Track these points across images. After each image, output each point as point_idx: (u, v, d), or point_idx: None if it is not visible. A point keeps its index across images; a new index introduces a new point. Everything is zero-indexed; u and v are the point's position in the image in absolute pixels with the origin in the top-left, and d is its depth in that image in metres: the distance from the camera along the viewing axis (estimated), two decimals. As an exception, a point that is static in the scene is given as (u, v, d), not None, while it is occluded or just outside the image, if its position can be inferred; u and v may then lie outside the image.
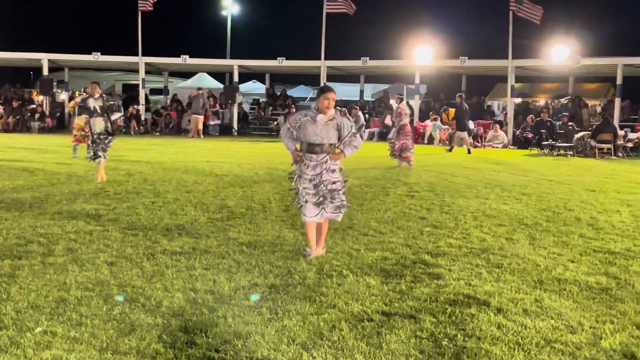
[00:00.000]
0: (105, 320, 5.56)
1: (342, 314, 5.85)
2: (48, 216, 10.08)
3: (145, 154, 21.82)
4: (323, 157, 7.77)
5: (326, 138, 7.73)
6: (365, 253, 8.12)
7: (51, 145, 24.47)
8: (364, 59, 35.37)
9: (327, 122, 7.70)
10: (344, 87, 45.92)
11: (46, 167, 16.83)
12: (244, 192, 13.11)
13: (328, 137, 7.74)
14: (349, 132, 7.82)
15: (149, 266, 7.29)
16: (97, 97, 14.36)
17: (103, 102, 14.33)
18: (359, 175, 16.27)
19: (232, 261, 7.58)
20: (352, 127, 7.88)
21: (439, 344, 5.17)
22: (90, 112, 14.33)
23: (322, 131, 7.70)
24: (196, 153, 22.88)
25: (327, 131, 7.72)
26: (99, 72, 47.44)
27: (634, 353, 5.09)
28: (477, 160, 18.45)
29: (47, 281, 6.65)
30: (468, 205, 11.89)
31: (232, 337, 5.23)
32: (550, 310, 6.06)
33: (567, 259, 8.04)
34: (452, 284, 6.82)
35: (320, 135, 7.70)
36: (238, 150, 25.40)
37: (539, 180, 16.30)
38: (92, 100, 14.33)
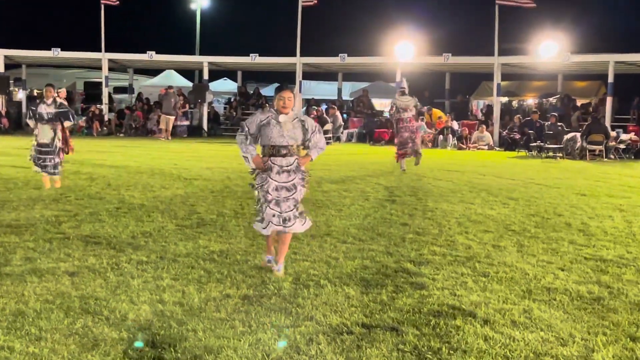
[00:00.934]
0: (67, 334, 5.52)
1: (319, 326, 5.85)
2: (4, 223, 10.00)
3: (108, 156, 21.70)
4: (293, 160, 7.51)
5: (293, 139, 7.48)
6: (344, 262, 8.12)
7: (7, 148, 24.26)
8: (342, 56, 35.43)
9: (292, 122, 7.46)
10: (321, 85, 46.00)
11: (2, 171, 16.69)
12: (214, 197, 13.08)
13: (295, 139, 7.50)
14: (313, 132, 7.61)
15: (113, 277, 7.24)
16: (50, 102, 13.89)
17: (56, 107, 13.90)
18: (336, 179, 16.29)
19: (203, 271, 7.55)
20: (316, 127, 7.72)
21: (422, 358, 5.18)
22: (40, 118, 13.80)
23: (289, 132, 7.44)
24: (163, 156, 22.80)
25: (295, 132, 7.48)
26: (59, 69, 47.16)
27: (627, 366, 5.13)
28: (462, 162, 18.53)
29: (4, 293, 6.59)
30: (452, 211, 11.94)
31: (203, 352, 5.21)
32: (540, 321, 6.09)
33: (557, 267, 8.08)
34: (436, 294, 6.84)
35: (287, 136, 7.43)
36: (208, 152, 25.34)
37: (527, 183, 16.40)
38: (44, 106, 13.84)
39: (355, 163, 21.69)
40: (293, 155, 7.52)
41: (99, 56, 36.67)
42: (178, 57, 39.76)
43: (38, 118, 13.81)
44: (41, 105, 13.94)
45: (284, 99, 7.38)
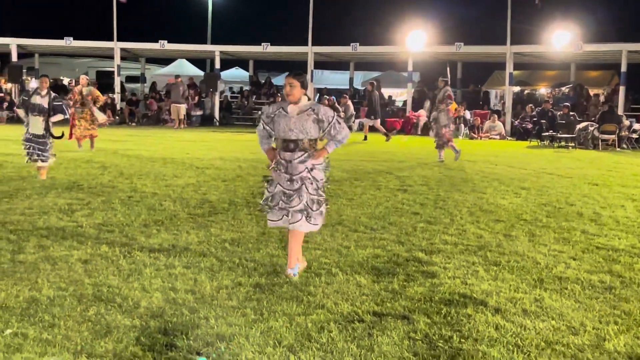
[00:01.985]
0: (80, 321, 5.55)
1: (331, 314, 5.86)
2: (18, 211, 10.04)
3: (121, 145, 21.74)
4: (301, 155, 6.99)
5: (302, 133, 6.93)
6: (355, 250, 8.13)
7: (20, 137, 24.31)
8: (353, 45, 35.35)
9: (301, 114, 6.93)
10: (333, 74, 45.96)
11: (15, 159, 16.74)
12: (226, 186, 13.10)
13: (305, 132, 6.93)
14: (329, 124, 6.99)
15: (125, 264, 7.28)
16: (44, 93, 13.64)
17: (49, 100, 13.64)
18: (347, 168, 16.29)
19: (214, 259, 7.58)
20: (334, 116, 7.05)
21: (433, 346, 5.19)
22: (31, 108, 13.51)
23: (297, 124, 6.92)
24: (175, 145, 22.83)
25: (303, 124, 6.92)
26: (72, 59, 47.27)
27: (639, 355, 5.12)
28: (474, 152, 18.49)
29: (18, 280, 6.63)
30: (464, 200, 11.92)
31: (215, 339, 5.23)
32: (551, 310, 6.09)
33: (568, 256, 8.07)
34: (447, 283, 6.84)
35: (295, 129, 6.93)
36: (220, 141, 25.37)
37: (539, 173, 16.35)
38: (38, 97, 13.57)
39: (367, 152, 21.67)
40: (304, 150, 6.99)
41: (111, 45, 36.69)
42: (190, 46, 39.76)
43: (30, 109, 13.54)
44: (35, 96, 13.64)
45: (286, 84, 7.02)
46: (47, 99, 13.57)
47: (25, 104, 13.69)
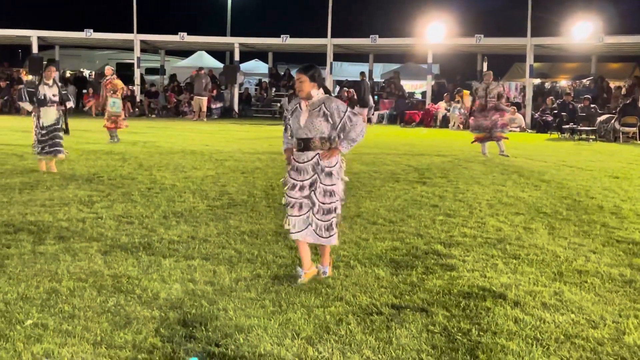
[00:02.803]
0: (99, 312, 5.58)
1: (349, 306, 5.87)
2: (38, 203, 10.10)
3: (140, 137, 21.82)
4: (313, 156, 6.54)
5: (313, 131, 6.46)
6: (374, 243, 8.12)
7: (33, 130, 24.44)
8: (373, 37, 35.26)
9: (312, 110, 6.49)
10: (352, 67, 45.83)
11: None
12: (245, 178, 13.12)
13: (316, 130, 6.46)
14: (341, 119, 6.46)
15: (145, 256, 7.31)
16: (51, 83, 13.42)
17: (59, 89, 13.51)
18: (366, 160, 16.28)
19: (233, 251, 7.60)
20: (346, 110, 6.52)
21: (452, 339, 5.18)
22: (42, 100, 13.23)
23: (308, 122, 6.48)
24: (194, 137, 22.88)
25: (313, 121, 6.45)
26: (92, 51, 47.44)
27: (659, 349, 5.10)
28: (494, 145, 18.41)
29: (38, 271, 6.68)
30: (483, 193, 11.89)
31: (234, 330, 5.24)
32: (571, 303, 6.06)
33: (588, 249, 8.03)
34: (466, 276, 6.83)
35: (306, 127, 6.49)
36: (239, 133, 25.41)
37: (559, 166, 16.27)
38: (45, 87, 13.29)
39: (386, 144, 21.64)
40: (315, 149, 6.52)
41: (131, 37, 36.78)
42: (209, 39, 39.81)
43: (41, 101, 13.24)
44: (43, 86, 13.32)
45: (296, 80, 6.68)
46: (55, 88, 13.44)
47: (33, 96, 13.34)
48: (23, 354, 4.74)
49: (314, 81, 6.52)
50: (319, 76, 6.59)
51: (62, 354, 4.75)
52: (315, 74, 6.55)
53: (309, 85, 6.50)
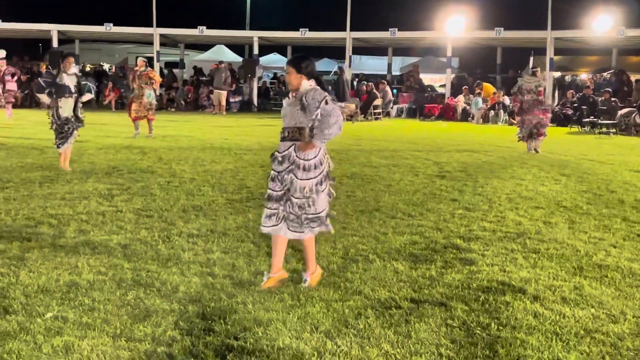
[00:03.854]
0: (119, 305, 5.61)
1: (368, 300, 5.87)
2: (59, 196, 10.16)
3: (160, 131, 21.84)
4: (289, 146, 6.25)
5: (292, 122, 6.25)
6: (393, 237, 8.11)
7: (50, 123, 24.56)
8: (392, 30, 35.14)
9: (295, 101, 6.28)
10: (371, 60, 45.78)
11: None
12: (264, 171, 13.10)
13: (295, 121, 6.23)
14: (316, 108, 6.11)
15: (164, 249, 7.34)
16: (70, 73, 12.97)
17: (78, 80, 13.10)
18: (385, 154, 16.25)
19: (252, 244, 7.61)
20: (321, 102, 6.12)
21: (471, 333, 5.17)
22: (62, 91, 12.78)
23: (289, 113, 6.28)
24: (213, 130, 22.93)
25: (293, 112, 6.24)
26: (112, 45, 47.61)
27: (680, 344, 5.06)
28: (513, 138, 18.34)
29: (58, 264, 6.72)
30: (503, 187, 11.85)
31: (252, 324, 5.26)
32: (591, 298, 6.04)
33: (609, 243, 7.99)
34: (485, 270, 6.81)
35: (287, 118, 6.32)
36: (258, 126, 25.42)
37: (579, 159, 16.19)
38: (64, 77, 12.84)
39: (405, 138, 21.60)
40: (293, 139, 6.23)
41: (151, 31, 36.85)
42: (228, 32, 39.80)
43: (60, 91, 12.80)
44: (62, 77, 12.84)
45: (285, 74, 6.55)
46: (74, 78, 13.03)
47: (52, 87, 12.91)
48: (43, 347, 4.77)
49: (300, 73, 6.25)
50: (306, 67, 6.28)
51: (82, 347, 4.78)
52: (302, 65, 6.28)
53: (295, 77, 6.28)
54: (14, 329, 5.07)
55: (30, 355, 4.65)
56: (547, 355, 4.82)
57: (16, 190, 10.56)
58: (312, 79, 6.28)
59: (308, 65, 6.31)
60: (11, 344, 4.81)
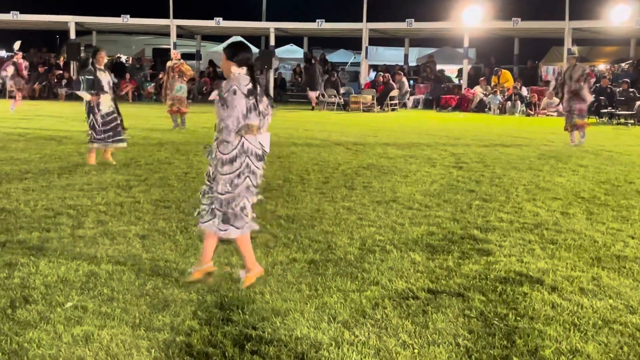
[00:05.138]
0: (138, 295, 5.64)
1: (385, 291, 5.87)
2: (77, 187, 10.21)
3: (177, 122, 21.94)
4: (215, 139, 6.05)
5: (218, 115, 5.94)
6: (410, 228, 8.11)
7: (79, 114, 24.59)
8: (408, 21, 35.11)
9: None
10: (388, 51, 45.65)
11: (74, 135, 17.03)
12: (280, 162, 13.15)
13: (218, 114, 5.93)
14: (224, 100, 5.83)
15: (182, 240, 7.37)
16: (104, 68, 12.65)
17: (110, 75, 12.75)
18: (402, 145, 16.24)
19: (270, 235, 7.63)
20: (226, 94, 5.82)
21: (489, 324, 5.17)
22: (102, 88, 12.41)
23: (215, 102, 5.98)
24: (230, 121, 22.92)
25: (217, 102, 5.94)
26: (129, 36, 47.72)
27: (699, 335, 5.05)
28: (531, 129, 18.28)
29: (77, 255, 6.76)
30: (520, 178, 11.82)
31: (270, 314, 5.27)
32: (609, 289, 6.02)
33: (627, 234, 7.96)
34: (502, 261, 6.80)
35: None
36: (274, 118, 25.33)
37: (597, 150, 16.12)
38: (102, 74, 12.46)
39: (422, 129, 21.57)
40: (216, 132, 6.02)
41: (167, 23, 36.97)
42: (245, 24, 39.87)
43: (100, 88, 12.39)
44: (99, 73, 12.42)
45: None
46: (108, 74, 12.65)
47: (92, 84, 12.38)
48: (63, 336, 4.81)
49: (230, 59, 5.93)
50: (237, 54, 5.93)
51: (101, 336, 4.81)
52: (233, 51, 5.96)
53: (226, 64, 5.98)
54: (34, 319, 5.11)
55: (51, 344, 4.69)
56: (565, 345, 4.82)
57: (35, 181, 10.63)
58: (243, 67, 5.94)
59: (240, 52, 5.98)
60: (32, 333, 4.85)
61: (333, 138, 17.76)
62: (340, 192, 10.19)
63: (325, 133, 19.02)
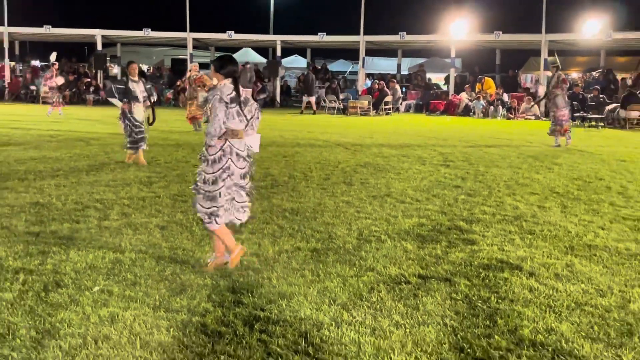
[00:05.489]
0: (158, 280, 5.65)
1: (380, 276, 5.87)
2: (103, 183, 10.21)
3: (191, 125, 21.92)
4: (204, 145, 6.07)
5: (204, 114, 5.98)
6: (402, 219, 8.11)
7: (105, 117, 24.68)
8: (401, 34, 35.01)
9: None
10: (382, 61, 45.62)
11: (101, 137, 17.03)
12: (286, 161, 13.14)
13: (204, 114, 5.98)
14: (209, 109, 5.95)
15: (198, 230, 7.36)
16: (137, 79, 12.36)
17: (144, 85, 12.48)
18: (395, 145, 16.22)
19: (276, 226, 7.63)
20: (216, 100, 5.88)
21: (473, 306, 5.17)
22: (135, 98, 12.23)
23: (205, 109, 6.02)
24: (241, 124, 22.91)
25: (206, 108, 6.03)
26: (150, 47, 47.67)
27: (662, 316, 5.04)
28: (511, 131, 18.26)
29: (104, 244, 6.76)
30: (501, 175, 11.80)
31: (277, 297, 5.28)
32: (581, 274, 6.02)
33: (597, 226, 7.96)
34: (485, 249, 6.80)
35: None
36: (281, 121, 25.40)
37: (571, 150, 16.10)
38: (134, 84, 12.26)
39: (413, 131, 21.54)
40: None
41: (184, 35, 36.89)
42: (254, 36, 39.82)
43: (133, 98, 12.22)
44: (131, 83, 12.24)
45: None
46: (141, 84, 12.41)
47: (122, 93, 12.26)
48: (91, 317, 4.81)
49: (217, 72, 6.00)
50: (223, 67, 6.00)
51: (125, 317, 4.81)
52: (221, 65, 6.02)
53: (214, 75, 6.03)
54: (65, 301, 5.11)
55: (80, 324, 4.69)
56: (542, 325, 4.82)
57: (65, 178, 10.62)
58: (228, 78, 6.00)
59: (226, 65, 6.03)
60: (63, 314, 4.86)
61: (333, 139, 17.74)
62: (339, 188, 10.18)
63: (326, 135, 19.00)
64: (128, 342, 4.43)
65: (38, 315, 4.84)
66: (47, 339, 4.45)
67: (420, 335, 4.61)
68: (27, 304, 5.05)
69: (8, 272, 5.77)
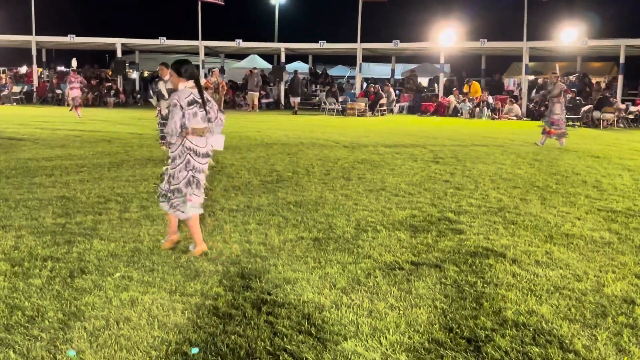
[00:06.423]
0: (174, 267, 5.65)
1: (376, 263, 5.88)
2: (124, 178, 10.21)
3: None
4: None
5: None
6: (396, 211, 8.11)
7: (125, 118, 24.67)
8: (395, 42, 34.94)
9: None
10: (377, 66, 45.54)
11: (121, 136, 17.00)
12: (290, 158, 13.13)
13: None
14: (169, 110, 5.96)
15: (210, 222, 7.37)
16: (167, 79, 12.25)
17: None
18: (389, 144, 16.21)
19: (281, 218, 7.63)
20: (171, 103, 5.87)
21: (461, 290, 5.18)
22: (162, 96, 12.51)
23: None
24: (248, 125, 22.90)
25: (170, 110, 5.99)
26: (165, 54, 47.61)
27: (633, 299, 5.05)
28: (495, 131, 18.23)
29: (124, 234, 6.77)
30: (487, 170, 11.79)
31: (282, 282, 5.28)
32: (559, 261, 6.02)
33: (574, 216, 7.96)
34: (472, 238, 6.80)
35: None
36: (285, 122, 25.38)
37: (550, 148, 16.08)
38: (162, 84, 12.53)
39: (406, 131, 21.52)
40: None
41: (197, 43, 36.84)
42: (260, 44, 39.78)
43: (160, 96, 12.58)
44: (161, 83, 12.59)
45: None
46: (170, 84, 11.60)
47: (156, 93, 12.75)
48: (113, 300, 4.82)
49: (180, 75, 5.92)
50: (185, 71, 5.93)
51: (144, 300, 4.82)
52: (181, 68, 5.93)
53: (175, 79, 5.96)
54: (89, 286, 5.12)
55: (103, 307, 4.70)
56: (523, 307, 4.82)
57: (89, 174, 10.62)
58: (190, 80, 5.95)
59: (187, 68, 5.96)
60: (87, 297, 4.87)
61: (333, 138, 17.72)
62: (339, 182, 10.18)
63: (326, 134, 18.97)
64: (147, 323, 4.44)
65: (64, 299, 4.85)
66: (73, 321, 4.46)
67: (412, 317, 4.62)
68: (54, 288, 5.06)
69: (37, 260, 5.78)
